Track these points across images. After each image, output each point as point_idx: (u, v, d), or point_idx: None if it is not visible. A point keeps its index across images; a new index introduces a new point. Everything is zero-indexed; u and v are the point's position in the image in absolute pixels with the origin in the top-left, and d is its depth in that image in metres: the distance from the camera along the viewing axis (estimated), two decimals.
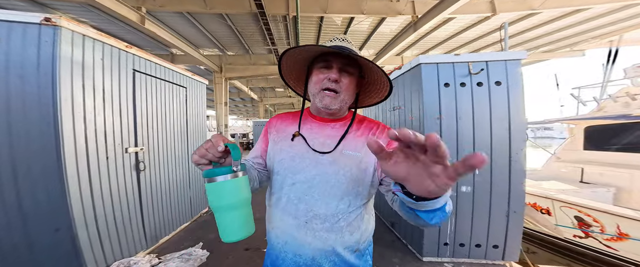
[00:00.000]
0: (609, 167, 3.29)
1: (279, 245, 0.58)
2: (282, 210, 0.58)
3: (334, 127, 0.62)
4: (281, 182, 0.59)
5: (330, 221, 0.55)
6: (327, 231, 0.55)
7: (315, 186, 0.56)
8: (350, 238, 0.56)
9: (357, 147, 0.59)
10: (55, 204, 1.34)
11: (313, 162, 0.57)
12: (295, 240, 0.56)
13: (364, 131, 0.61)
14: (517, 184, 1.70)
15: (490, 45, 7.28)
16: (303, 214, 0.55)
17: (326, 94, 0.56)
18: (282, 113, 0.70)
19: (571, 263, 2.66)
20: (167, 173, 2.30)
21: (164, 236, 2.22)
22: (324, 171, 0.56)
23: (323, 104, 0.57)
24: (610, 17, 5.39)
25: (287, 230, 0.56)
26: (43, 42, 1.29)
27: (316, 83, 0.58)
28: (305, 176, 0.57)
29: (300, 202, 0.56)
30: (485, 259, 1.79)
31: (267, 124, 0.69)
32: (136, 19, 4.83)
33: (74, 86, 1.41)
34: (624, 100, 3.50)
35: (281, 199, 0.58)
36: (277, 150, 0.61)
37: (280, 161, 0.60)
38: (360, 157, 0.57)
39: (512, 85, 1.70)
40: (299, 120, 0.64)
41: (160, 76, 2.22)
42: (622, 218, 2.27)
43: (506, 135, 1.71)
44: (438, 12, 4.42)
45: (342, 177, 0.56)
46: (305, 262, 0.55)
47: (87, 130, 1.49)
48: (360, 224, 0.58)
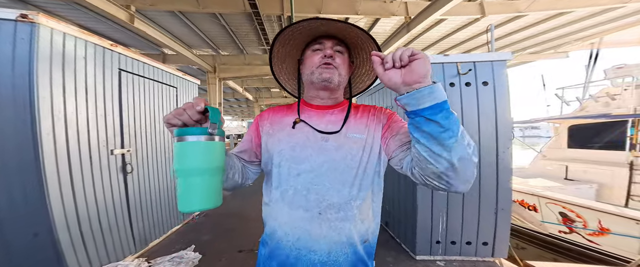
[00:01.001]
0: (591, 164, 3.44)
1: (290, 242, 0.53)
2: (290, 203, 0.53)
3: (333, 113, 0.61)
4: (284, 174, 0.55)
5: (344, 209, 0.52)
6: (342, 220, 0.52)
7: (324, 174, 0.53)
8: (362, 226, 0.55)
9: (360, 130, 0.57)
10: (33, 207, 1.28)
11: (317, 149, 0.55)
12: (309, 234, 0.52)
13: (363, 113, 0.61)
14: (504, 181, 1.75)
15: (480, 46, 7.48)
16: (315, 205, 0.52)
17: (325, 67, 0.55)
18: (273, 107, 0.67)
19: (557, 258, 2.76)
20: (156, 175, 2.24)
21: (154, 240, 2.16)
22: (331, 157, 0.54)
23: (323, 77, 0.55)
24: (592, 20, 5.64)
25: (300, 224, 0.52)
26: (19, 39, 1.23)
27: (311, 65, 0.57)
28: (311, 165, 0.54)
29: (309, 192, 0.52)
30: (475, 256, 1.83)
31: (257, 118, 0.65)
32: (125, 18, 4.70)
33: (53, 85, 1.35)
34: (604, 100, 3.66)
35: (287, 192, 0.54)
36: (275, 141, 0.58)
37: (279, 151, 0.56)
38: (364, 139, 0.56)
39: (499, 85, 1.75)
40: (298, 108, 0.62)
41: (148, 76, 2.16)
42: (603, 213, 2.37)
43: (493, 134, 1.76)
44: (430, 13, 4.50)
45: (350, 162, 0.54)
46: (321, 258, 0.52)
47: (69, 131, 1.43)
48: (368, 211, 0.56)
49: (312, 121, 0.59)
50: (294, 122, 0.58)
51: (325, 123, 0.58)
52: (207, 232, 2.43)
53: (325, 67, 0.55)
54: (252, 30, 6.26)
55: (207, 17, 5.55)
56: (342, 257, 0.53)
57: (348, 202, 0.53)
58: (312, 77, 0.57)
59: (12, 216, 1.25)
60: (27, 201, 1.28)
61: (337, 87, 0.59)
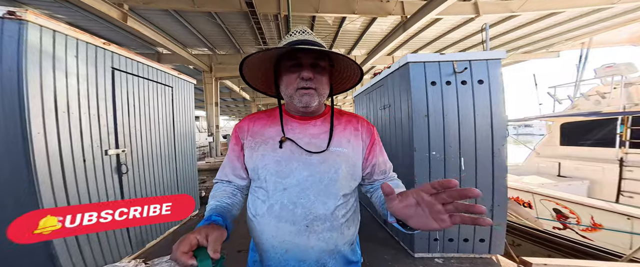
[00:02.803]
0: (583, 161, 3.51)
1: (278, 255, 0.54)
2: (277, 217, 0.54)
3: (316, 125, 0.60)
4: (271, 188, 0.55)
5: (330, 219, 0.54)
6: (328, 230, 0.54)
7: (309, 188, 0.54)
8: (349, 232, 0.57)
9: (342, 143, 0.58)
10: (25, 209, 1.23)
11: (302, 163, 0.55)
12: (297, 247, 0.53)
13: (346, 126, 0.62)
14: (499, 178, 1.78)
15: (475, 46, 7.59)
16: (302, 219, 0.53)
17: (304, 92, 0.54)
18: (254, 114, 0.64)
19: (551, 254, 2.82)
20: (152, 175, 2.21)
21: (151, 241, 2.13)
22: (315, 170, 0.55)
23: (303, 103, 0.55)
24: (582, 20, 5.79)
25: (288, 238, 0.53)
26: (6, 37, 1.20)
27: (289, 84, 0.55)
28: (297, 179, 0.54)
29: (296, 206, 0.53)
30: (473, 253, 1.85)
31: (236, 131, 0.62)
32: (117, 16, 4.61)
33: (44, 85, 1.32)
34: (595, 99, 3.75)
35: (274, 207, 0.54)
36: (258, 156, 0.57)
37: (264, 166, 0.56)
38: (347, 153, 0.58)
39: (493, 83, 1.77)
40: (281, 123, 0.59)
41: (142, 75, 2.13)
42: (595, 209, 2.42)
43: (489, 131, 1.78)
44: (426, 12, 4.54)
45: (334, 175, 0.55)
46: (309, 265, 0.54)
47: (60, 131, 1.40)
48: (354, 217, 0.59)
49: (295, 135, 0.58)
50: (280, 140, 0.57)
51: (308, 137, 0.58)
52: None
53: (305, 92, 0.54)
54: (249, 30, 6.22)
55: (202, 16, 5.49)
56: (330, 262, 0.56)
57: (333, 212, 0.55)
58: (292, 100, 0.57)
59: (2, 218, 1.22)
60: (19, 203, 1.24)
61: (318, 107, 0.59)
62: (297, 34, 0.57)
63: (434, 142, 1.82)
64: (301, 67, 0.54)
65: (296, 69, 0.54)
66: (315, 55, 0.55)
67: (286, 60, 0.55)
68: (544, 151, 4.13)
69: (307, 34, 0.57)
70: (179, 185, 2.62)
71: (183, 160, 2.71)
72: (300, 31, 0.57)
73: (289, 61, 0.55)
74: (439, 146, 1.82)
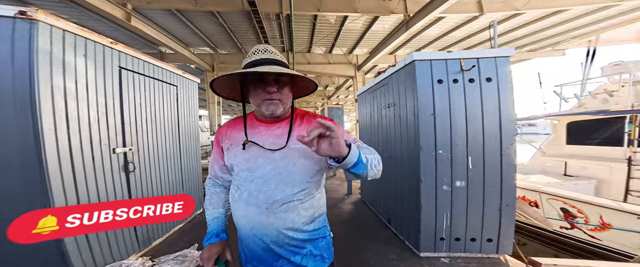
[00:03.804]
0: (590, 160, 3.47)
1: (247, 230, 0.69)
2: (246, 202, 0.68)
3: (280, 126, 0.72)
4: (242, 179, 0.69)
5: (286, 203, 0.66)
6: (284, 211, 0.66)
7: (271, 179, 0.66)
8: (306, 213, 0.69)
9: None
10: (36, 206, 1.26)
11: (266, 159, 0.67)
12: (260, 224, 0.67)
13: (306, 124, 0.72)
14: (508, 178, 1.76)
15: (479, 44, 7.52)
16: (263, 202, 0.66)
17: (270, 102, 0.66)
18: (230, 121, 0.79)
19: (558, 253, 2.79)
20: (158, 174, 2.22)
21: (158, 239, 2.14)
22: (277, 165, 0.67)
23: (269, 111, 0.67)
24: (588, 18, 5.70)
25: (252, 217, 0.67)
26: (18, 36, 1.21)
27: (256, 97, 0.67)
28: (262, 172, 0.67)
29: (260, 193, 0.66)
30: (480, 252, 1.84)
31: (217, 135, 0.77)
32: (121, 16, 4.63)
33: (54, 83, 1.33)
34: (602, 97, 3.70)
35: (243, 194, 0.68)
36: (232, 155, 0.71)
37: (237, 163, 0.70)
38: (304, 148, 0.67)
39: (502, 81, 1.75)
40: (245, 127, 0.73)
41: (148, 74, 2.14)
42: (604, 209, 2.39)
43: (497, 130, 1.76)
44: (429, 11, 4.50)
45: (292, 168, 0.67)
46: (272, 239, 0.67)
47: (70, 129, 1.41)
48: (312, 201, 0.71)
49: (261, 137, 0.70)
50: (243, 143, 0.69)
51: (273, 138, 0.70)
52: None
53: (270, 102, 0.66)
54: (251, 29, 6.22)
55: (205, 15, 5.49)
56: (287, 238, 0.67)
57: (289, 197, 0.66)
58: (260, 109, 0.69)
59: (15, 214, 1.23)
60: (30, 200, 1.26)
61: (283, 112, 0.71)
62: (259, 53, 0.67)
63: (441, 140, 1.81)
64: (265, 83, 0.65)
65: (261, 83, 0.66)
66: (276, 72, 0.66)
67: (252, 77, 0.67)
68: (550, 150, 4.08)
69: (270, 53, 0.67)
70: (184, 183, 2.63)
71: (188, 158, 2.72)
72: (262, 50, 0.68)
73: (255, 78, 0.66)
74: (446, 145, 1.81)
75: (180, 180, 2.56)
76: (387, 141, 2.49)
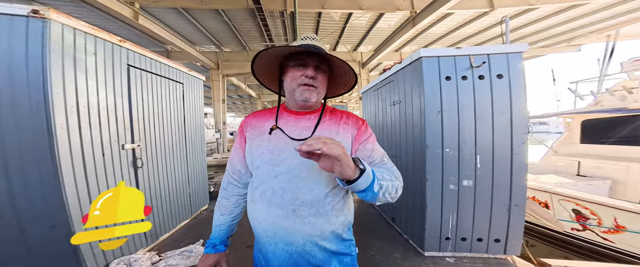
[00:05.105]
0: (605, 160, 3.33)
1: (268, 237, 0.60)
2: (269, 202, 0.59)
3: (309, 119, 0.67)
4: (264, 175, 0.61)
5: (316, 206, 0.58)
6: (314, 215, 0.58)
7: (298, 175, 0.59)
8: (336, 221, 0.60)
9: (331, 134, 0.64)
10: (50, 201, 1.31)
11: (293, 153, 0.59)
12: (284, 230, 0.58)
13: (336, 119, 0.68)
14: (518, 177, 1.71)
15: (489, 41, 7.29)
16: (289, 203, 0.58)
17: (306, 88, 0.61)
18: (257, 111, 0.73)
19: (568, 255, 2.71)
20: (165, 170, 2.27)
21: (164, 234, 2.20)
22: (303, 159, 0.57)
23: (303, 97, 0.61)
24: (607, 12, 5.42)
25: (276, 221, 0.58)
26: (31, 35, 1.24)
27: (293, 79, 0.62)
28: (287, 167, 0.59)
29: (285, 192, 0.58)
30: (487, 253, 1.80)
31: (242, 124, 0.72)
32: (129, 15, 4.72)
33: (66, 81, 1.36)
34: (620, 94, 3.53)
35: (266, 192, 0.60)
36: (255, 146, 0.65)
37: (260, 155, 0.63)
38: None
39: (514, 78, 1.69)
40: (276, 115, 0.68)
41: (156, 72, 2.17)
42: (619, 211, 2.30)
43: (508, 128, 1.71)
44: (436, 7, 4.38)
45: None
46: (297, 250, 0.58)
47: (81, 126, 1.45)
48: (343, 207, 0.62)
49: (288, 127, 0.65)
50: (271, 128, 0.64)
51: (300, 129, 0.65)
52: None
53: (307, 88, 0.61)
54: (255, 27, 6.22)
55: (210, 13, 5.53)
56: (315, 249, 0.59)
57: (320, 199, 0.58)
58: (294, 94, 0.63)
59: (29, 208, 1.28)
60: (44, 195, 1.30)
61: (315, 104, 0.67)
62: (307, 40, 0.64)
63: (448, 138, 1.77)
64: (306, 67, 0.61)
65: (301, 68, 0.61)
66: (319, 59, 0.62)
67: (293, 60, 0.62)
68: (562, 149, 3.94)
69: (316, 41, 0.64)
70: (190, 180, 2.68)
71: (193, 155, 2.76)
72: (311, 38, 0.64)
73: (296, 61, 0.62)
74: (453, 143, 1.77)
75: (186, 177, 2.61)
76: (392, 139, 2.45)
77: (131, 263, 1.64)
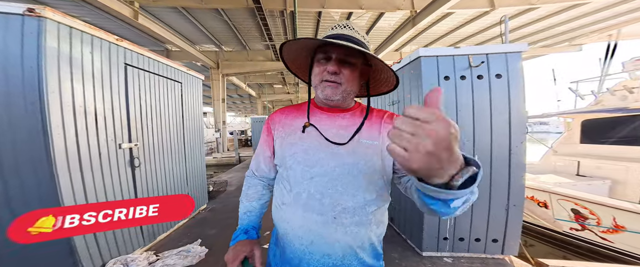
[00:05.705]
0: (605, 160, 3.32)
1: (303, 246, 0.53)
2: (304, 207, 0.53)
3: (345, 117, 0.59)
4: (298, 177, 0.55)
5: (358, 213, 0.52)
6: (356, 225, 0.52)
7: (337, 178, 0.53)
8: (377, 231, 0.55)
9: (373, 136, 0.56)
10: (46, 201, 1.30)
11: (329, 153, 0.54)
12: (322, 238, 0.52)
13: (377, 119, 0.59)
14: (516, 177, 1.70)
15: (489, 40, 7.27)
16: (330, 209, 0.52)
17: (327, 84, 0.54)
18: (284, 107, 0.67)
19: (567, 255, 2.70)
20: (163, 169, 2.26)
21: (162, 234, 2.20)
22: (342, 161, 0.53)
23: (324, 94, 0.55)
24: (609, 12, 5.39)
25: (313, 228, 0.52)
26: (27, 33, 1.23)
27: (317, 75, 0.56)
28: (324, 169, 0.54)
29: (323, 197, 0.53)
30: (484, 253, 1.80)
31: (268, 121, 0.65)
32: (129, 14, 4.71)
33: (62, 80, 1.36)
34: (621, 94, 3.51)
35: (301, 195, 0.54)
36: (287, 144, 0.59)
37: (292, 154, 0.57)
38: (378, 146, 0.55)
39: (513, 78, 1.68)
40: (307, 110, 0.61)
41: (154, 71, 2.16)
42: (618, 210, 2.29)
43: (506, 128, 1.70)
44: (437, 6, 4.37)
45: (363, 167, 0.53)
46: (335, 262, 0.52)
47: (77, 125, 1.44)
48: (382, 216, 0.57)
49: (322, 125, 0.58)
50: (304, 125, 0.58)
51: (336, 128, 0.57)
52: (213, 227, 2.46)
53: (328, 84, 0.54)
54: (255, 26, 6.22)
55: (210, 12, 5.52)
56: (355, 261, 0.53)
57: (363, 207, 0.53)
58: (316, 90, 0.58)
59: (25, 209, 1.28)
60: (40, 195, 1.30)
61: (341, 102, 0.58)
62: (337, 28, 0.56)
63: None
64: (329, 62, 0.54)
65: (324, 63, 0.55)
66: (347, 51, 0.53)
67: (319, 53, 0.56)
68: (562, 149, 3.93)
69: (348, 28, 0.56)
70: (189, 179, 2.68)
71: (192, 155, 2.76)
72: (342, 25, 0.56)
73: (322, 53, 0.55)
74: None
75: (184, 176, 2.61)
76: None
77: (128, 263, 1.64)
